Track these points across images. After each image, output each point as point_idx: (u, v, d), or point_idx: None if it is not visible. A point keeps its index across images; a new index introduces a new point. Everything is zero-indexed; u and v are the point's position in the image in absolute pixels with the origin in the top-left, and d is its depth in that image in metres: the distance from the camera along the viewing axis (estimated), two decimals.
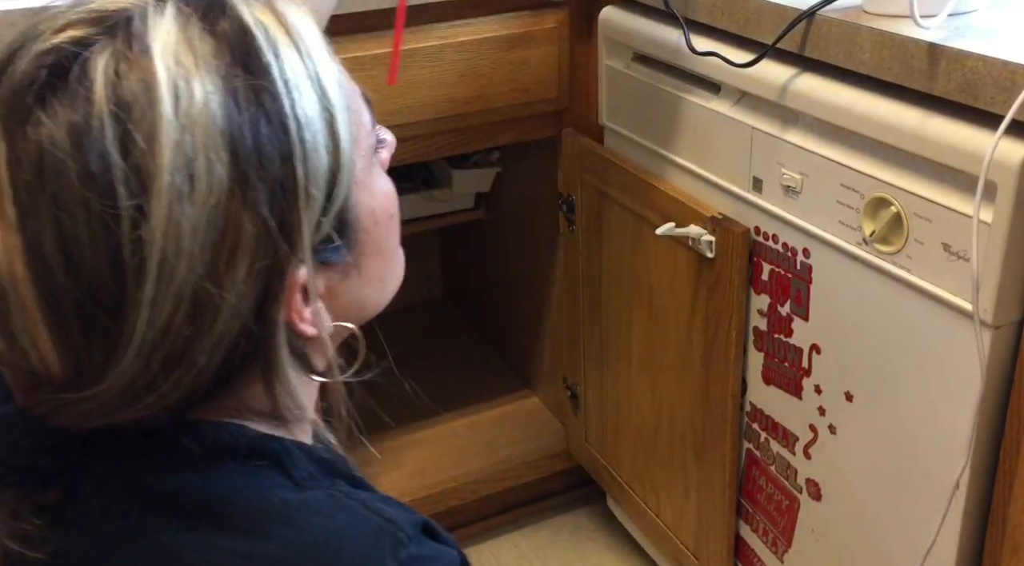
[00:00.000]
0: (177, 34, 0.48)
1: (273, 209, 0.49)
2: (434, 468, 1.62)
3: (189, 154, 0.47)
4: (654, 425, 1.36)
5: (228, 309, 0.49)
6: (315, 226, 0.52)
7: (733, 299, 1.12)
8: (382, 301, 0.63)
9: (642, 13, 1.25)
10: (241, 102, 0.48)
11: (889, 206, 0.90)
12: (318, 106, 0.51)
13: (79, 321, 0.48)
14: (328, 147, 0.51)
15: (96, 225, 0.46)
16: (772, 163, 1.04)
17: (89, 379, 0.49)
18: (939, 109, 0.86)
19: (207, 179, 0.47)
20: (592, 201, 1.38)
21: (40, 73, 0.48)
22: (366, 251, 0.58)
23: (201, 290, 0.48)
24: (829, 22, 0.94)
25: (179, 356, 0.49)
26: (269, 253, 0.49)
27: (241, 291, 0.49)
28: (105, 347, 0.48)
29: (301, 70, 0.51)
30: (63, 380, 0.49)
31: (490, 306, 1.95)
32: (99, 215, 0.46)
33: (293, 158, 0.50)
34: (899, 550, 0.99)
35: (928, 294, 0.88)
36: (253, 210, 0.48)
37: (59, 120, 0.47)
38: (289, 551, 0.51)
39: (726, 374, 1.16)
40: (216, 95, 0.48)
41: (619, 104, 1.31)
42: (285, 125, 0.49)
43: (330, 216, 0.53)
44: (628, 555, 1.60)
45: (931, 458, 0.92)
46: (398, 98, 1.29)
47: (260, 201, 0.48)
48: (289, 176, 0.50)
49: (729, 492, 1.22)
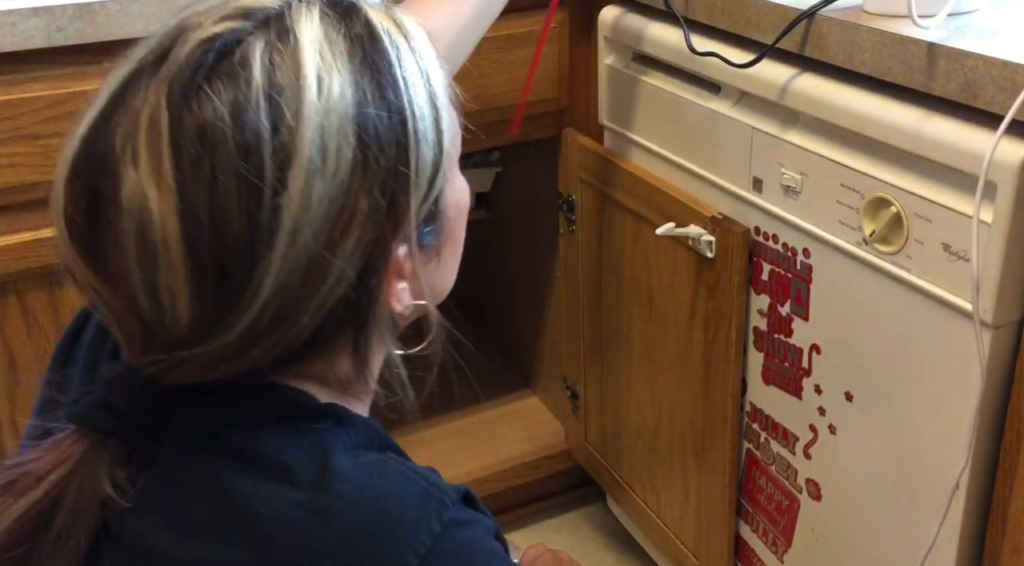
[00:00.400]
0: (321, 32, 0.56)
1: (385, 190, 0.56)
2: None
3: (326, 136, 0.54)
4: (654, 425, 1.36)
5: (336, 274, 0.55)
6: (417, 210, 0.59)
7: (733, 299, 1.12)
8: (447, 288, 0.71)
9: (642, 13, 1.25)
10: (369, 95, 0.56)
11: (889, 206, 0.90)
12: (428, 103, 0.59)
13: (217, 277, 0.53)
14: (434, 140, 0.59)
15: (244, 191, 0.53)
16: (772, 163, 1.04)
17: (210, 332, 0.55)
18: (939, 109, 0.86)
19: (337, 159, 0.54)
20: (592, 201, 1.38)
21: (207, 57, 0.54)
22: (447, 239, 0.66)
23: (318, 255, 0.54)
24: (829, 22, 0.94)
25: (288, 314, 0.55)
26: (377, 229, 0.56)
27: (349, 260, 0.55)
28: (233, 301, 0.54)
29: (416, 71, 0.59)
30: (185, 334, 0.55)
31: (490, 306, 1.95)
32: (248, 182, 0.52)
33: (407, 148, 0.57)
34: (899, 550, 0.99)
35: (928, 294, 0.88)
36: (369, 190, 0.55)
37: (223, 98, 0.53)
38: (345, 505, 0.56)
39: (726, 374, 1.16)
40: (350, 88, 0.55)
41: (619, 104, 1.31)
42: (403, 118, 0.57)
43: (428, 202, 0.60)
44: (628, 555, 1.60)
45: (931, 458, 0.92)
46: None
47: (375, 182, 0.56)
48: (402, 163, 0.57)
49: (729, 492, 1.22)
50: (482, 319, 1.99)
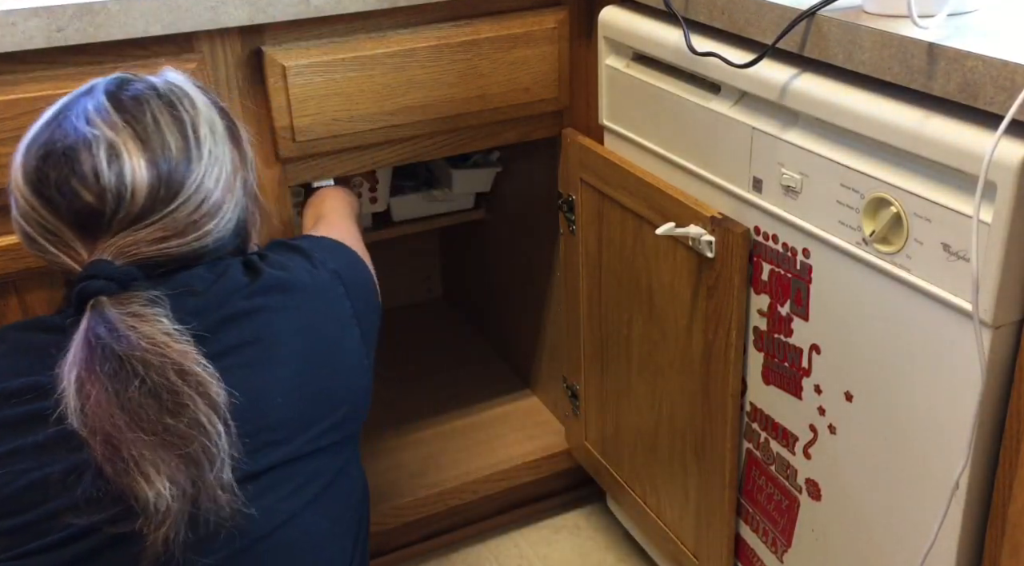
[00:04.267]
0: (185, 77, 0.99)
1: (239, 154, 0.97)
2: (434, 468, 1.62)
3: (210, 116, 0.94)
4: (654, 425, 1.36)
5: (239, 187, 0.95)
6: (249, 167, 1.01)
7: (733, 299, 1.12)
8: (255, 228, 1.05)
9: (642, 13, 1.25)
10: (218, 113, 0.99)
11: (889, 206, 0.90)
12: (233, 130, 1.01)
13: (165, 175, 0.88)
14: (243, 140, 1.01)
15: (175, 125, 0.91)
16: (772, 163, 1.04)
17: (163, 204, 0.87)
18: (939, 109, 0.86)
19: (221, 129, 0.95)
20: (592, 201, 1.38)
21: (120, 79, 0.95)
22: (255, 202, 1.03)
23: (227, 177, 0.93)
24: (829, 22, 0.94)
25: (217, 208, 0.91)
26: (241, 172, 0.97)
27: (241, 182, 0.97)
28: (175, 187, 0.88)
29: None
30: (141, 207, 0.86)
31: (490, 306, 1.95)
32: (177, 119, 0.91)
33: (240, 137, 1.00)
34: (899, 550, 0.99)
35: (928, 294, 0.88)
36: (234, 148, 0.97)
37: (142, 84, 0.93)
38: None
39: (726, 374, 1.16)
40: (213, 106, 0.98)
41: (619, 104, 1.31)
42: (233, 124, 1.00)
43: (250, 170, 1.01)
44: (628, 555, 1.60)
45: (931, 458, 0.92)
46: (398, 98, 1.29)
47: (235, 147, 0.97)
48: (239, 144, 0.99)
49: (729, 492, 1.22)
50: (482, 319, 2.00)
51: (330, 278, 0.98)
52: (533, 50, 1.35)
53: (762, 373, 1.13)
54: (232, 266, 0.93)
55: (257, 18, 1.17)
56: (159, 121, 0.89)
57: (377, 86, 1.27)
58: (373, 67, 1.26)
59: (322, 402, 0.92)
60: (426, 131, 1.34)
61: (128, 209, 0.86)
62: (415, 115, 1.31)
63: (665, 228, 1.16)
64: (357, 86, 1.26)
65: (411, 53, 1.28)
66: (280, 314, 0.91)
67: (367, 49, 1.25)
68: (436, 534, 1.62)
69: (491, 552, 1.62)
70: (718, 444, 1.21)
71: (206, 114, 0.93)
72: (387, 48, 1.27)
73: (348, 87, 1.26)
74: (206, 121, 0.92)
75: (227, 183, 0.92)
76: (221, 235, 0.92)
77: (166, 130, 0.89)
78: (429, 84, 1.30)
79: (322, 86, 1.24)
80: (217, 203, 0.91)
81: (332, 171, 1.32)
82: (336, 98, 1.25)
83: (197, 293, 0.88)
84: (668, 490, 1.37)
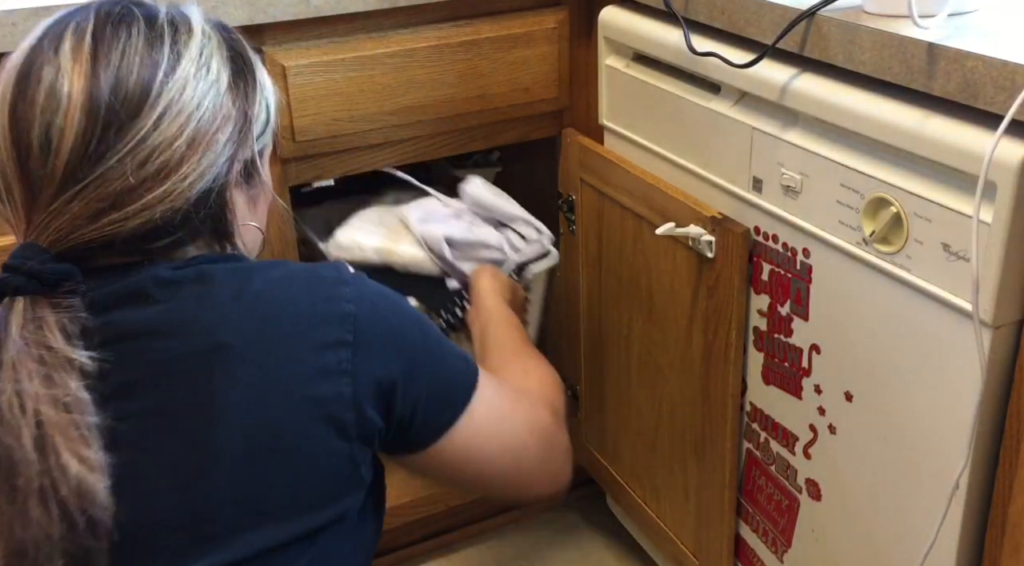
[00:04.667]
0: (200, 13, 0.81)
1: (240, 117, 0.78)
2: None
3: (206, 52, 0.77)
4: (654, 425, 1.36)
5: (215, 153, 0.75)
6: (252, 142, 0.81)
7: (733, 299, 1.12)
8: (257, 239, 0.87)
9: (642, 13, 1.25)
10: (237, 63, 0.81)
11: (889, 206, 0.90)
12: (272, 88, 0.86)
13: (103, 123, 0.71)
14: (269, 108, 0.84)
15: (145, 66, 0.73)
16: (772, 163, 1.04)
17: (89, 169, 0.70)
18: (939, 109, 0.86)
19: (217, 74, 0.77)
20: (592, 201, 1.38)
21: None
22: (260, 194, 0.85)
23: (195, 132, 0.73)
24: (829, 22, 0.94)
25: (174, 168, 0.72)
26: (232, 141, 0.77)
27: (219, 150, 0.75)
28: (111, 142, 0.70)
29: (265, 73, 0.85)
30: (64, 171, 0.69)
31: None
32: (151, 58, 0.73)
33: (256, 99, 0.82)
34: (899, 550, 0.99)
35: (928, 294, 0.88)
36: (229, 113, 0.76)
37: (139, 11, 0.76)
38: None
39: (726, 374, 1.16)
40: (224, 44, 0.80)
41: (619, 104, 1.31)
42: (260, 82, 0.84)
43: (256, 145, 0.82)
44: (628, 555, 1.60)
45: (931, 458, 0.92)
46: (398, 98, 1.29)
47: (237, 108, 0.77)
48: (251, 106, 0.80)
49: (729, 492, 1.22)
50: None
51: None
52: (533, 50, 1.35)
53: (762, 373, 1.13)
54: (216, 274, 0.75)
55: (257, 18, 1.17)
56: (126, 53, 0.72)
57: (377, 86, 1.27)
58: (373, 67, 1.26)
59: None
60: (426, 131, 1.34)
61: (56, 155, 0.70)
62: (415, 115, 1.31)
63: (665, 228, 1.16)
64: (357, 86, 1.26)
65: (411, 53, 1.28)
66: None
67: (367, 49, 1.26)
68: (436, 534, 1.62)
69: (491, 552, 1.62)
70: (718, 444, 1.21)
71: (198, 51, 0.75)
72: (387, 48, 1.27)
73: (348, 87, 1.26)
74: (194, 59, 0.75)
75: (198, 136, 0.73)
76: (174, 205, 0.72)
77: (132, 62, 0.72)
78: (429, 84, 1.30)
79: (322, 86, 1.24)
80: (175, 160, 0.72)
81: (332, 171, 1.32)
82: (336, 98, 1.26)
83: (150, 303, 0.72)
84: (668, 490, 1.37)
